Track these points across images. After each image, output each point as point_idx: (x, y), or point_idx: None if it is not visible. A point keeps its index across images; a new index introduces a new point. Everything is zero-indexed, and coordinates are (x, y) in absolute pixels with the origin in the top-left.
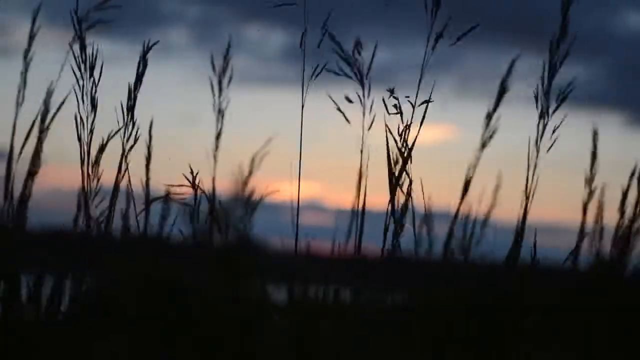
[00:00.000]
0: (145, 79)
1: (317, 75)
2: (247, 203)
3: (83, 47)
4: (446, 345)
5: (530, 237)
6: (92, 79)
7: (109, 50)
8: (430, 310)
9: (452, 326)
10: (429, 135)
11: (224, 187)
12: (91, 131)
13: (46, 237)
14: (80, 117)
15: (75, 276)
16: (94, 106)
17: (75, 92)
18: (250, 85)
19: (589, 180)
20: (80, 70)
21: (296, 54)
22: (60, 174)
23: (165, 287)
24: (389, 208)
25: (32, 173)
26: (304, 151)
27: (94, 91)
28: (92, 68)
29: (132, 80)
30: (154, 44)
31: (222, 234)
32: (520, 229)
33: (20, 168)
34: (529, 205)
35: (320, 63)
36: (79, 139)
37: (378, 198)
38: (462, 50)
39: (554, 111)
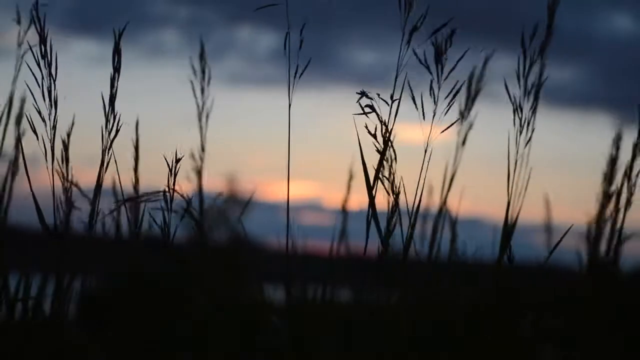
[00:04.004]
0: (140, 81)
1: (300, 75)
2: (239, 203)
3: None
4: (442, 346)
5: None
6: (50, 76)
7: (98, 50)
8: (430, 310)
9: (450, 327)
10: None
11: (214, 187)
12: (53, 127)
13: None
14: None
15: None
16: (53, 103)
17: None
18: (240, 86)
19: (607, 182)
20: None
21: (286, 56)
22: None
23: (159, 287)
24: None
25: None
26: (303, 151)
27: (53, 88)
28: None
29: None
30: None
31: (215, 234)
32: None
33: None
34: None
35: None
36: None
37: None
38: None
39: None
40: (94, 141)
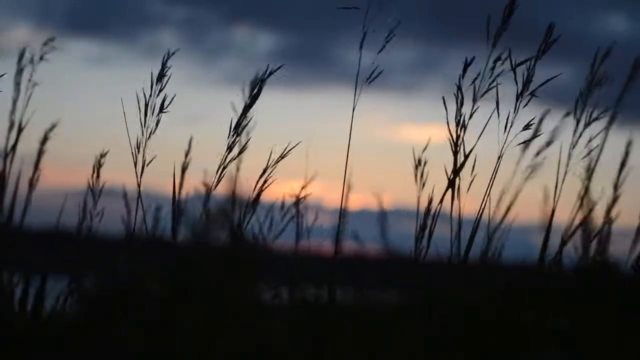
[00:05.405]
0: (136, 79)
1: (371, 80)
2: (241, 203)
3: None
4: (446, 346)
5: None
6: None
7: (99, 51)
8: (433, 310)
9: (452, 326)
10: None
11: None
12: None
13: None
14: None
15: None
16: None
17: None
18: (238, 86)
19: (615, 185)
20: None
21: (285, 56)
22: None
23: (160, 287)
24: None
25: None
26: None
27: None
28: None
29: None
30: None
31: (222, 235)
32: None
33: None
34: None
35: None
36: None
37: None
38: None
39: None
40: (94, 141)
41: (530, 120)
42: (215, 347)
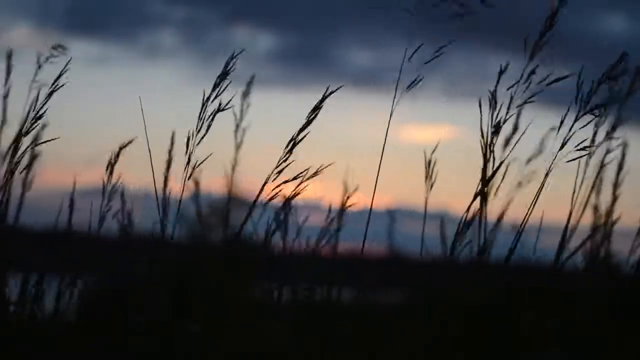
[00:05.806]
0: (136, 79)
1: (411, 87)
2: (240, 203)
3: None
4: (446, 346)
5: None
6: None
7: (99, 51)
8: (434, 309)
9: (452, 326)
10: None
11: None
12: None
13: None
14: None
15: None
16: None
17: None
18: (238, 86)
19: (614, 186)
20: None
21: (284, 56)
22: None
23: (165, 287)
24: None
25: None
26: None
27: None
28: None
29: None
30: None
31: (217, 234)
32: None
33: None
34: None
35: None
36: None
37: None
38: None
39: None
40: (96, 141)
41: (583, 141)
42: (216, 347)
